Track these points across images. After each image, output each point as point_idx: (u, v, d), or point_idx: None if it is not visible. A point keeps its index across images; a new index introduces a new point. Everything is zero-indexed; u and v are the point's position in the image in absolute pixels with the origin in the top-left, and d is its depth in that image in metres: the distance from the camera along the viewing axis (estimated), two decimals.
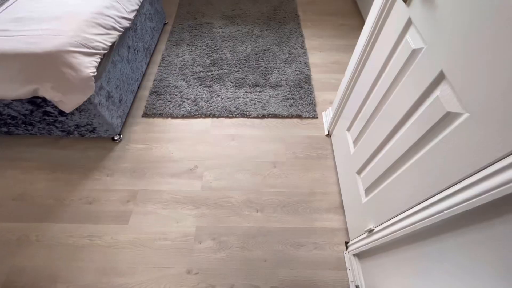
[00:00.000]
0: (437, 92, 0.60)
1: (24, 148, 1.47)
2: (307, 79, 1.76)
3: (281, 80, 1.76)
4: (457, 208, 0.51)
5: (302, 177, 1.37)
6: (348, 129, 1.21)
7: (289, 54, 1.92)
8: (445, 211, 0.54)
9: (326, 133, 1.52)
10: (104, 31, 1.26)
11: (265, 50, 1.94)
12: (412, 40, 0.71)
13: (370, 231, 0.92)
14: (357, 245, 1.05)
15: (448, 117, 0.56)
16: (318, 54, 1.94)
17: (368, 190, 0.98)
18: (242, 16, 2.22)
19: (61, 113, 1.26)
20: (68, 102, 1.13)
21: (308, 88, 1.72)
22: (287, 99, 1.66)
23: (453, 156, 0.55)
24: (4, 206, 1.28)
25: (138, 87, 1.71)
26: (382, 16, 0.90)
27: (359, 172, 1.06)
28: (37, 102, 1.20)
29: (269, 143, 1.49)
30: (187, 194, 1.32)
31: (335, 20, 2.23)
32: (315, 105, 1.64)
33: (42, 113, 1.27)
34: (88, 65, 1.13)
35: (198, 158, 1.44)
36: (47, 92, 1.09)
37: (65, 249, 1.16)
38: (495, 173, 0.44)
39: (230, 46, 1.97)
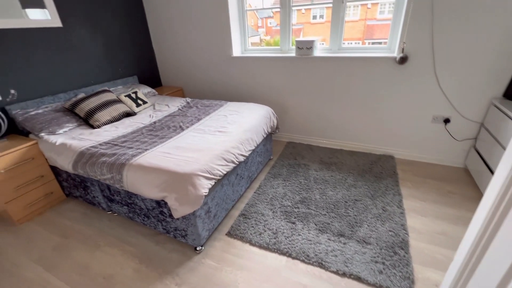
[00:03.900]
0: None
1: (133, 233, 1.80)
2: (404, 245, 1.55)
3: (370, 237, 1.62)
4: None
5: None
6: None
7: (383, 210, 1.82)
8: None
9: None
10: (225, 163, 1.65)
11: (356, 200, 1.94)
12: None
13: None
14: None
15: None
16: (419, 219, 1.75)
17: None
18: (338, 164, 2.44)
19: (171, 216, 1.56)
20: (180, 210, 1.42)
21: (404, 256, 1.48)
22: (376, 262, 1.45)
23: None
24: (95, 281, 1.48)
25: (232, 207, 1.96)
26: (506, 200, 0.80)
27: None
28: (160, 203, 1.56)
29: None
30: None
31: (442, 185, 2.08)
32: (412, 282, 1.34)
33: (159, 212, 1.61)
34: (205, 186, 1.45)
35: None
36: (170, 200, 1.42)
37: None
38: None
39: (321, 188, 2.10)
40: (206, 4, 2.70)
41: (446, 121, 2.21)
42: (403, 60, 2.09)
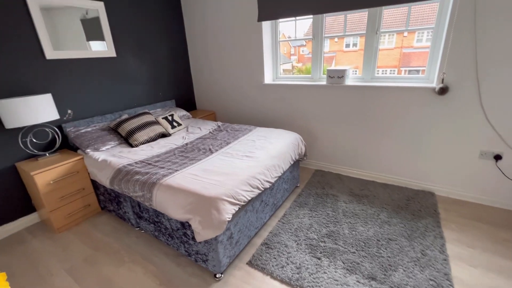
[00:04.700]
0: None
1: (156, 252, 1.83)
2: None
3: (407, 284, 1.44)
4: None
5: None
6: None
7: (422, 254, 1.63)
8: None
9: None
10: (250, 189, 1.65)
11: (390, 239, 1.77)
12: None
13: None
14: None
15: None
16: (467, 269, 1.52)
17: None
18: (369, 197, 2.28)
19: (193, 238, 1.57)
20: (202, 234, 1.42)
21: None
22: None
23: None
24: None
25: (255, 234, 1.91)
26: None
27: None
28: (185, 225, 1.58)
29: None
30: None
31: (494, 231, 1.82)
32: None
33: (183, 233, 1.62)
34: (228, 212, 1.45)
35: None
36: (194, 223, 1.44)
37: None
38: None
39: (350, 223, 1.96)
40: (242, 36, 2.89)
41: (497, 157, 1.98)
42: (443, 90, 1.98)
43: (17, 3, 1.94)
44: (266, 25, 2.78)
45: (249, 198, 1.62)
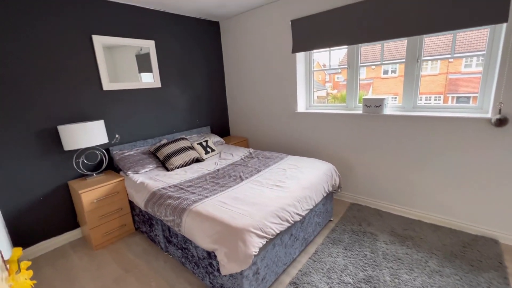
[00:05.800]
0: None
1: (182, 280, 1.80)
2: None
3: None
4: None
5: None
6: None
7: None
8: None
9: None
10: (279, 221, 1.57)
11: None
12: None
13: None
14: None
15: None
16: None
17: None
18: (415, 239, 2.02)
19: (218, 270, 1.51)
20: (227, 267, 1.36)
21: None
22: None
23: None
24: None
25: (283, 271, 1.78)
26: None
27: None
28: (211, 254, 1.55)
29: None
30: None
31: None
32: None
33: (208, 263, 1.59)
34: (255, 245, 1.39)
35: None
36: (220, 254, 1.40)
37: None
38: None
39: (392, 268, 1.73)
40: (276, 66, 2.99)
41: None
42: (501, 122, 1.75)
43: (85, 43, 2.29)
44: (300, 54, 2.84)
45: (278, 231, 1.54)
